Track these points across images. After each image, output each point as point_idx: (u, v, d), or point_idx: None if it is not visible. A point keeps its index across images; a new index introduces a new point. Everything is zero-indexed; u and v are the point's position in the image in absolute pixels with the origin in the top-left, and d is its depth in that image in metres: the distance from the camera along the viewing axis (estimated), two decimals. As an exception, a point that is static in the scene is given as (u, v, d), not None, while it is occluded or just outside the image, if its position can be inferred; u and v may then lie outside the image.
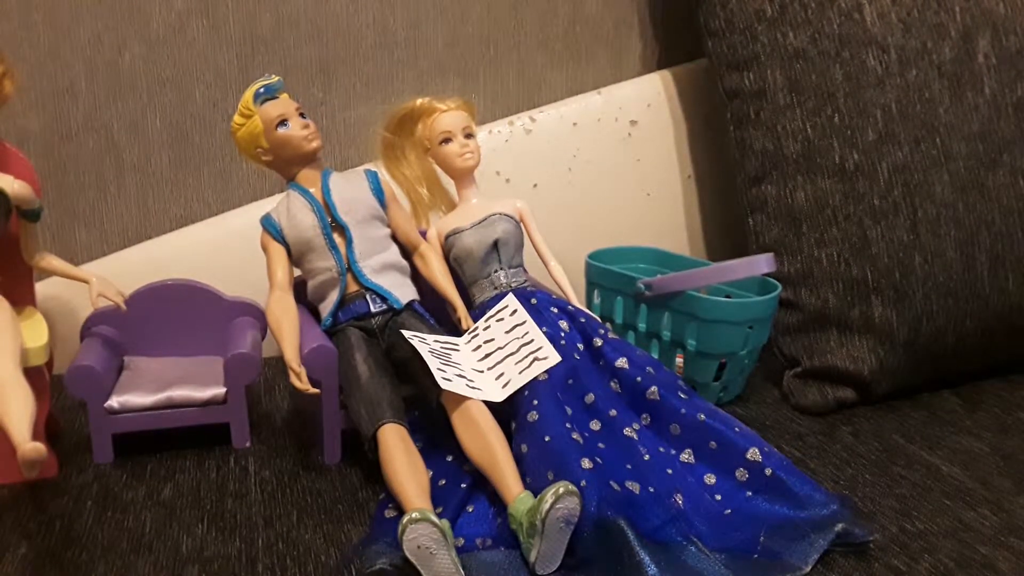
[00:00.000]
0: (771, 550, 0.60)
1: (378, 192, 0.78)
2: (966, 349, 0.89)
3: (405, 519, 0.56)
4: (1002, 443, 0.80)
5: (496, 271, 0.80)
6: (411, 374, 0.72)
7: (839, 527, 0.62)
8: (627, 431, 0.69)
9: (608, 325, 0.92)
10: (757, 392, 0.91)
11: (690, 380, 0.86)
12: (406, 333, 0.71)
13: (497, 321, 0.75)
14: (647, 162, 1.11)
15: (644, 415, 0.72)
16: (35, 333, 0.70)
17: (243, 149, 0.78)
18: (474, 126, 0.83)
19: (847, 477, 0.73)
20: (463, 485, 0.66)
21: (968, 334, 0.88)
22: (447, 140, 0.81)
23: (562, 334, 0.75)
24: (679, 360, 0.87)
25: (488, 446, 0.64)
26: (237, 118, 0.77)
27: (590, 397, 0.71)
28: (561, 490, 0.57)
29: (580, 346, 0.75)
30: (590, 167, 1.08)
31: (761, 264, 0.84)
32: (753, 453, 0.67)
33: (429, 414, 0.71)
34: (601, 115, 1.08)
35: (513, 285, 0.80)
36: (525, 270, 0.83)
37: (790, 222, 0.90)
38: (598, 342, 0.75)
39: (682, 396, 0.72)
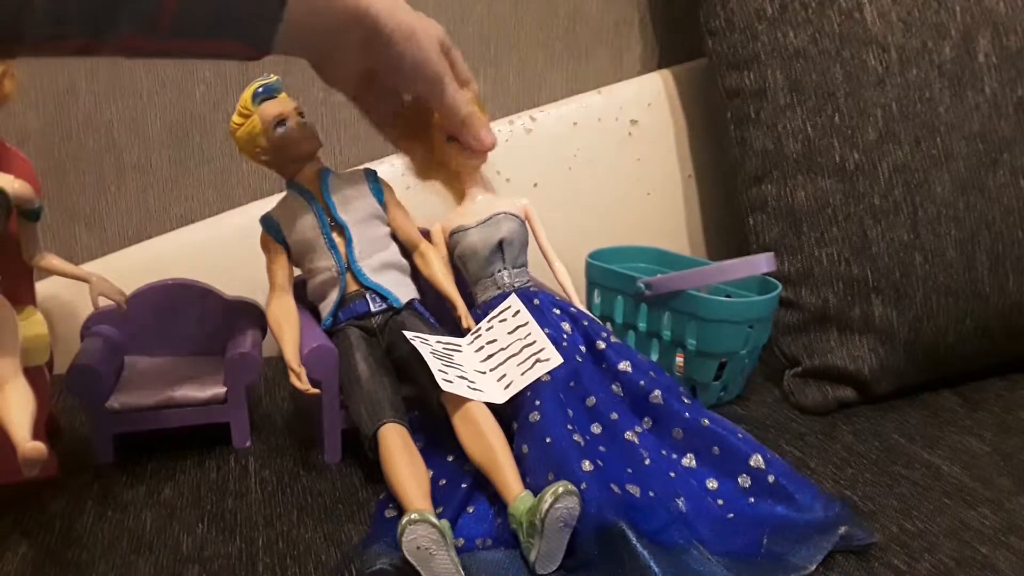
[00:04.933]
0: (774, 552, 0.60)
1: (377, 191, 0.78)
2: (966, 349, 0.89)
3: (404, 520, 0.56)
4: (1003, 442, 0.80)
5: (500, 271, 0.80)
6: (411, 373, 0.72)
7: (842, 530, 0.62)
8: (628, 435, 0.69)
9: (610, 327, 0.92)
10: (757, 392, 0.91)
11: (690, 380, 0.86)
12: (408, 334, 0.71)
13: (500, 322, 0.75)
14: (647, 162, 1.11)
15: (646, 419, 0.72)
16: (35, 333, 0.70)
17: (242, 149, 0.78)
18: None
19: (847, 477, 0.73)
20: (463, 485, 0.66)
21: (968, 334, 0.88)
22: (453, 137, 0.80)
23: (564, 336, 0.74)
24: (679, 360, 0.87)
25: (488, 446, 0.64)
26: (236, 118, 0.77)
27: (591, 400, 0.71)
28: (560, 490, 0.57)
29: (582, 348, 0.75)
30: (590, 167, 1.08)
31: (761, 264, 0.84)
32: (756, 460, 0.67)
33: (429, 414, 0.71)
34: (601, 114, 1.08)
35: (516, 285, 0.79)
36: (527, 271, 0.83)
37: (790, 221, 0.90)
38: (601, 345, 0.75)
39: (685, 401, 0.72)
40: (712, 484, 0.68)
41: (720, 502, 0.66)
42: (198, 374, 0.78)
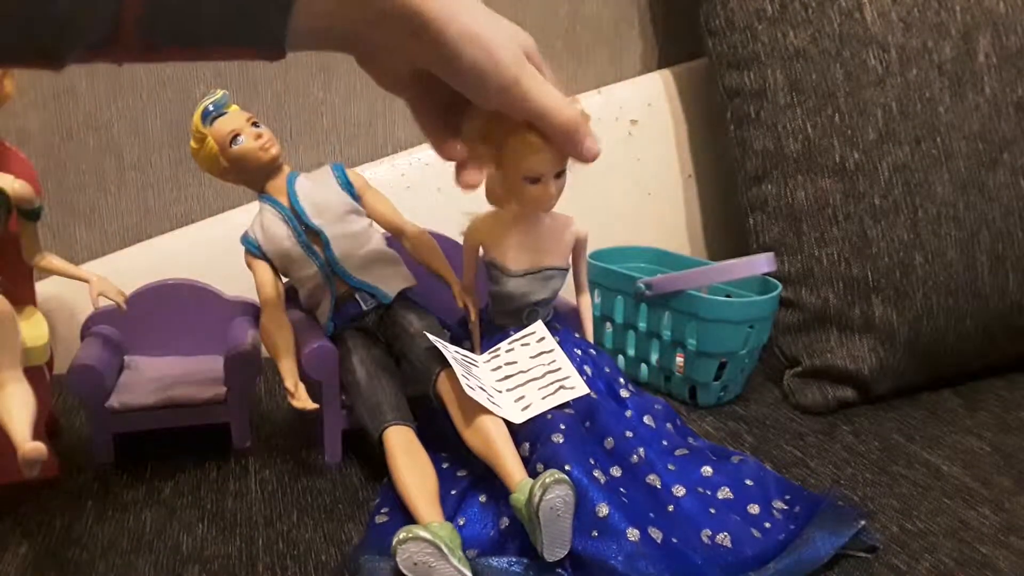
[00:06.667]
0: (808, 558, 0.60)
1: (347, 185, 0.76)
2: (966, 349, 0.89)
3: (394, 542, 0.55)
4: (1003, 442, 0.80)
5: (526, 318, 0.73)
6: (408, 364, 0.71)
7: (861, 523, 0.63)
8: (651, 478, 0.65)
9: (610, 327, 0.92)
10: (757, 392, 0.91)
11: (690, 380, 0.86)
12: (431, 337, 0.70)
13: (522, 345, 0.71)
14: (647, 162, 1.11)
15: (670, 464, 0.68)
16: (35, 333, 0.70)
17: (208, 171, 0.76)
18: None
19: (847, 477, 0.73)
20: (452, 492, 0.66)
21: (968, 334, 0.88)
22: (534, 180, 0.68)
23: (585, 378, 0.70)
24: (679, 360, 0.87)
25: (486, 433, 0.63)
26: (192, 143, 0.74)
27: (609, 441, 0.67)
28: (548, 480, 0.56)
29: (601, 388, 0.72)
30: (590, 167, 1.08)
31: (761, 264, 0.84)
32: (778, 504, 0.66)
33: (427, 417, 0.70)
34: (601, 114, 1.08)
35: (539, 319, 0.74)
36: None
37: (790, 221, 0.90)
38: (625, 393, 0.73)
39: (711, 453, 0.70)
40: (754, 509, 0.65)
41: (767, 525, 0.64)
42: (198, 374, 0.78)
